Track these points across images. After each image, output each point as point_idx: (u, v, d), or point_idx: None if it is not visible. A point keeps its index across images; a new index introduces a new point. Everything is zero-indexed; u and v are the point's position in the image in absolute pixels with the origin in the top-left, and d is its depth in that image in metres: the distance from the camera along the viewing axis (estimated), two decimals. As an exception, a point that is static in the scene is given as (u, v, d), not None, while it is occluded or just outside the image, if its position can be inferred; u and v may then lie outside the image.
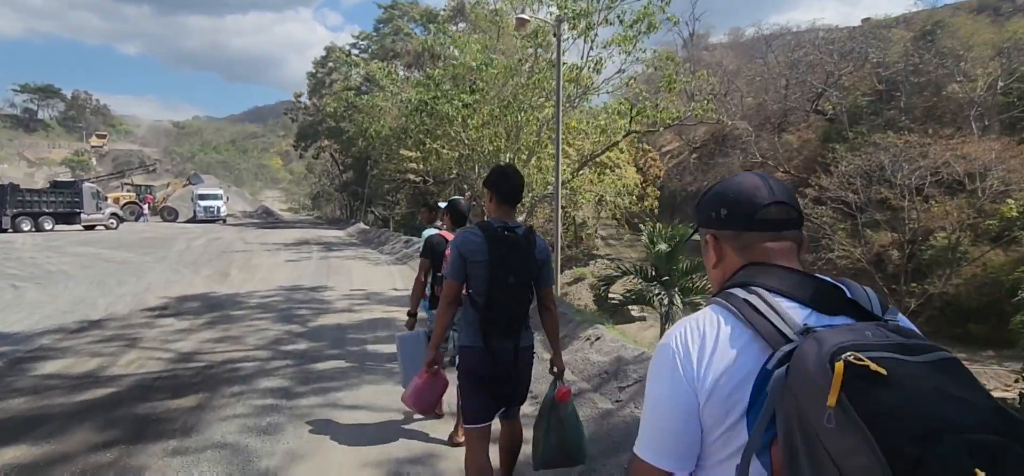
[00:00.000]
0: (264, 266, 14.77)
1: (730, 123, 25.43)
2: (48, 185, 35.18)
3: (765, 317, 0.94)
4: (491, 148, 18.80)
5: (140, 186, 49.09)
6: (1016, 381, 11.18)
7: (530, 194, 20.44)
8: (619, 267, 8.98)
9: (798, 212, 1.09)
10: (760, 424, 0.89)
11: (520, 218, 18.85)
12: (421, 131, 19.56)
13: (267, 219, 52.02)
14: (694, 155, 36.83)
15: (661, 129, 23.07)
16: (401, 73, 30.40)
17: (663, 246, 8.57)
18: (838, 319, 0.94)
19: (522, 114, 16.89)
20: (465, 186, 21.61)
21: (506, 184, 2.68)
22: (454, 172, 24.55)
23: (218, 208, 44.04)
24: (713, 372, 0.96)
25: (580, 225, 29.37)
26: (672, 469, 1.00)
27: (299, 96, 48.39)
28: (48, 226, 29.39)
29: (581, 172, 19.56)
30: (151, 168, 69.38)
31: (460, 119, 18.10)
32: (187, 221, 42.78)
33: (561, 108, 9.79)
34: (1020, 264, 15.23)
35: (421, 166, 33.39)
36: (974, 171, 18.09)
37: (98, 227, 31.75)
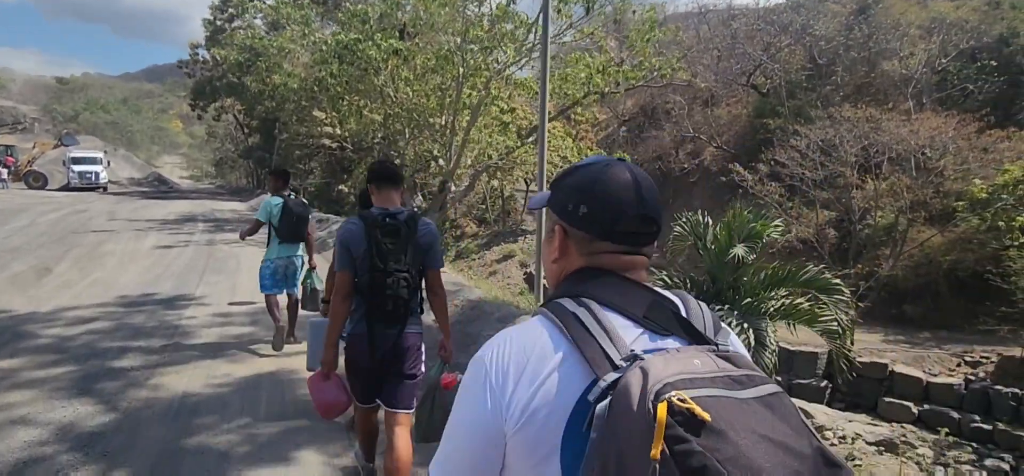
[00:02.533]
0: (116, 257, 10.77)
1: (703, 85, 23.13)
2: None
3: (593, 336, 0.82)
4: (424, 106, 15.35)
5: (-2, 146, 41.58)
6: (958, 365, 10.88)
7: (470, 164, 17.20)
8: (665, 280, 5.88)
9: (659, 225, 0.96)
10: (588, 466, 0.75)
11: (418, 198, 15.68)
12: (339, 84, 15.74)
13: (158, 188, 45.73)
14: (623, 128, 35.01)
15: (622, 92, 20.37)
16: (316, 20, 25.71)
17: (739, 250, 5.58)
18: (669, 340, 0.86)
19: (466, 66, 13.58)
20: (392, 152, 17.97)
21: (379, 168, 2.80)
22: (378, 136, 20.86)
23: (96, 174, 37.83)
24: (527, 396, 0.82)
25: (508, 198, 27.05)
26: None
27: (196, 47, 42.31)
28: None
29: (529, 139, 16.51)
30: (21, 126, 60.13)
31: (388, 69, 14.53)
32: (59, 189, 36.47)
33: (548, 59, 6.72)
34: (958, 245, 15.13)
35: (338, 130, 29.35)
36: (923, 146, 17.31)
37: (-65, 195, 25.86)
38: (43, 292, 7.76)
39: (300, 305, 5.64)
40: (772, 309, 5.76)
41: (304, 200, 5.87)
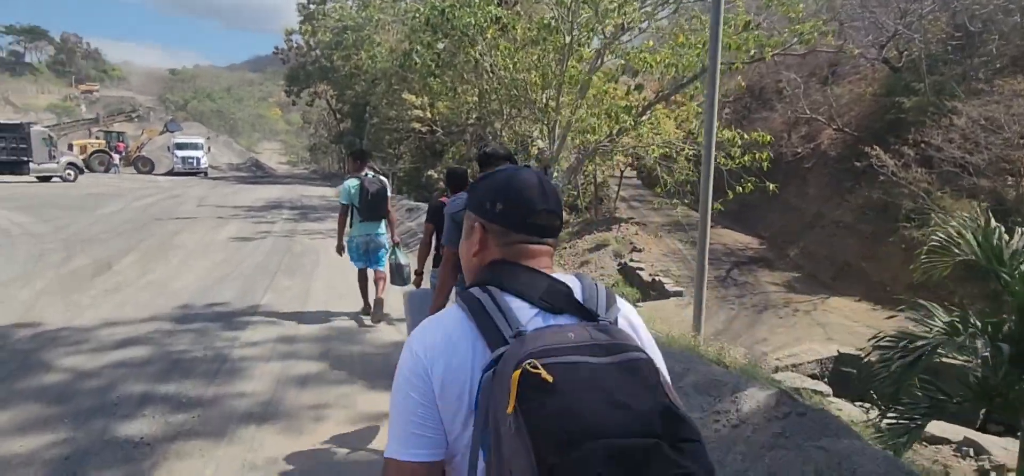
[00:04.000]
0: (186, 250, 9.60)
1: (856, 51, 19.96)
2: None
3: (491, 318, 0.95)
4: (525, 81, 13.43)
5: (111, 132, 43.57)
6: None
7: (577, 144, 15.13)
8: (932, 320, 3.63)
9: (561, 220, 1.11)
10: (478, 424, 0.90)
11: (554, 174, 13.66)
12: (431, 58, 14.08)
13: (254, 173, 46.73)
14: (727, 110, 31.53)
15: (743, 65, 17.65)
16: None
17: None
18: (562, 318, 0.97)
19: (575, 33, 11.55)
20: (488, 133, 16.20)
21: (488, 154, 2.87)
22: (472, 118, 19.20)
23: (198, 159, 38.86)
24: (444, 373, 0.96)
25: (600, 185, 25.08)
26: (420, 459, 0.96)
27: (290, 33, 42.53)
28: (-16, 176, 24.46)
29: (644, 116, 14.17)
30: (135, 115, 63.54)
31: (486, 39, 12.72)
32: (165, 173, 37.69)
33: (720, 27, 4.62)
34: None
35: (428, 114, 28.11)
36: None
37: (54, 178, 26.75)
38: (88, 297, 6.48)
39: (388, 281, 5.58)
40: None
41: (382, 178, 5.82)
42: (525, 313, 0.96)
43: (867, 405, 5.59)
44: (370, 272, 5.89)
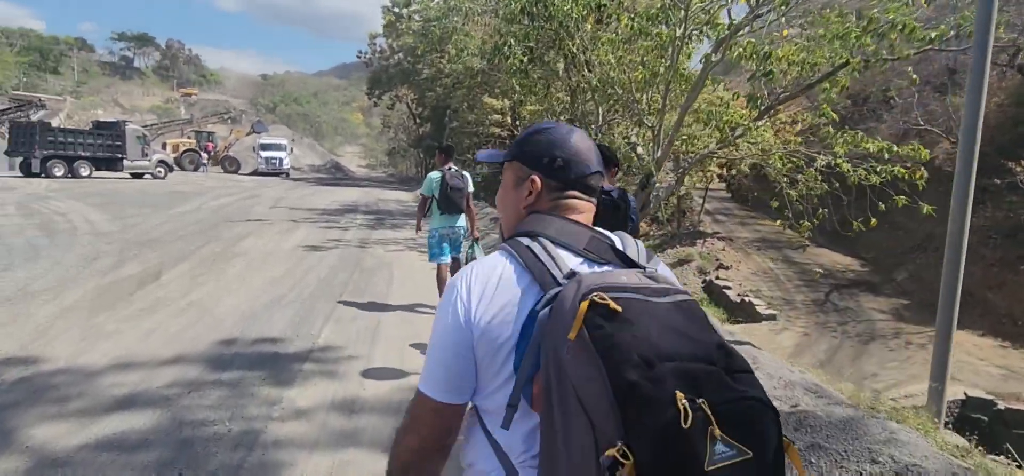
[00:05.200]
0: (247, 260, 8.39)
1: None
2: (90, 126, 31.02)
3: (542, 263, 0.99)
4: (627, 79, 11.65)
5: (202, 132, 44.89)
6: None
7: (683, 151, 13.31)
8: None
9: (601, 180, 1.15)
10: (527, 359, 0.94)
11: (655, 186, 11.77)
12: (523, 52, 12.51)
13: (334, 175, 46.94)
14: (825, 123, 28.29)
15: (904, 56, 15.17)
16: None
17: None
18: (606, 267, 1.01)
19: (686, 25, 9.66)
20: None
21: (601, 151, 2.59)
22: (562, 120, 17.56)
23: (281, 160, 39.28)
24: (489, 312, 0.99)
25: (684, 197, 23.12)
26: (448, 400, 1.02)
27: (374, 37, 42.37)
28: (84, 172, 25.28)
29: (761, 120, 12.04)
30: (227, 117, 65.94)
31: (587, 30, 11.10)
32: (250, 173, 38.23)
33: None
34: None
35: (508, 118, 26.73)
36: None
37: (146, 175, 27.40)
38: (115, 320, 5.22)
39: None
40: None
41: (465, 174, 5.74)
42: (572, 260, 1.02)
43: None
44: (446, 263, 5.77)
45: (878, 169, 9.93)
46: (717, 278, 14.85)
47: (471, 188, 5.73)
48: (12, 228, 10.28)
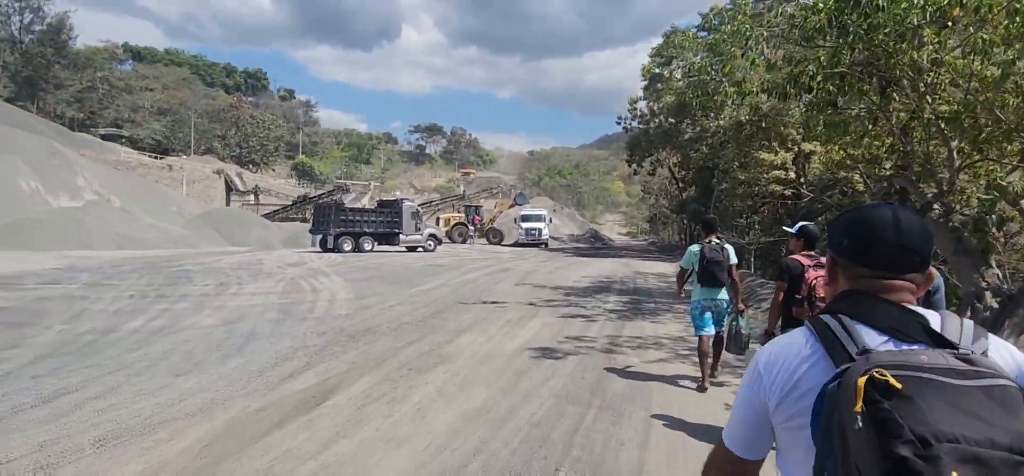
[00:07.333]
0: (452, 370, 6.15)
1: None
2: (375, 205, 34.44)
3: (838, 339, 1.02)
4: (1000, 102, 7.26)
5: (470, 206, 47.68)
6: None
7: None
8: None
9: (923, 258, 1.10)
10: (821, 432, 0.97)
11: None
12: (830, 70, 8.89)
13: (592, 245, 45.58)
14: None
15: None
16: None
17: None
18: (915, 346, 0.98)
19: None
20: (924, 193, 9.85)
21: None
22: (887, 167, 12.87)
23: (540, 231, 39.35)
24: (786, 385, 1.06)
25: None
26: (742, 456, 1.14)
27: (635, 102, 40.69)
28: (367, 247, 27.74)
29: None
30: (497, 192, 70.59)
31: (935, 38, 7.15)
32: (511, 244, 38.95)
33: None
34: None
35: (791, 173, 21.93)
36: None
37: (418, 248, 29.19)
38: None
39: (723, 345, 5.63)
40: None
41: (726, 246, 5.64)
42: (873, 338, 1.01)
43: None
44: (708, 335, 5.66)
45: None
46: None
47: (734, 260, 5.62)
48: (260, 308, 9.87)
